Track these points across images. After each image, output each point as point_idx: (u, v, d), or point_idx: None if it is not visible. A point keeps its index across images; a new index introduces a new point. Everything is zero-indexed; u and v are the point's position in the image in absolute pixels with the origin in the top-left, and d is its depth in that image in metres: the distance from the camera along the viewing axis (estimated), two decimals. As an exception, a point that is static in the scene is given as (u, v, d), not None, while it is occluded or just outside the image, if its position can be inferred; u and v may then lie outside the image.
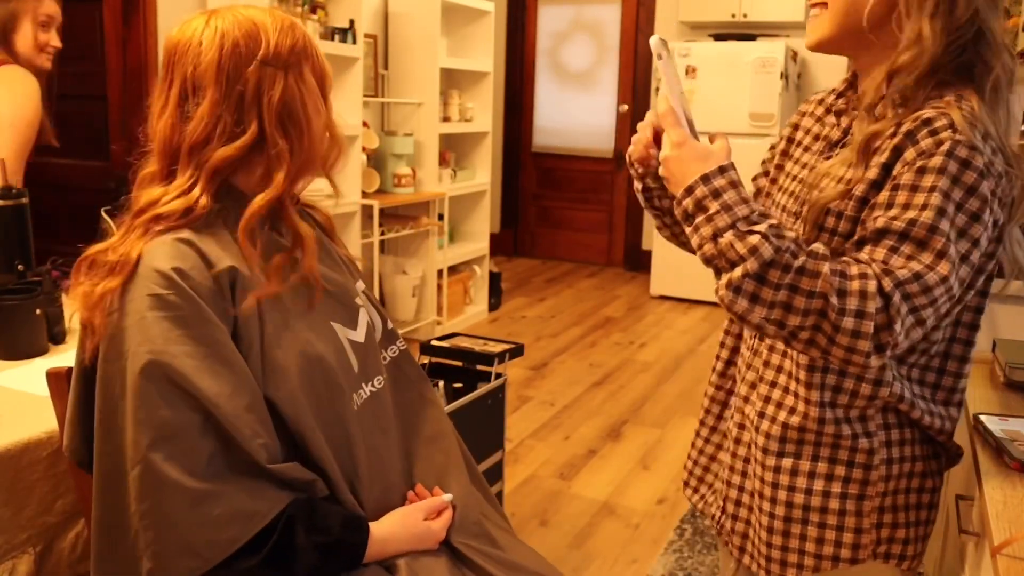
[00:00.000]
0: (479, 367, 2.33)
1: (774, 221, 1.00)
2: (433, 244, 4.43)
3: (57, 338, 1.69)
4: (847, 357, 0.99)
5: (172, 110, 1.10)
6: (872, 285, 0.97)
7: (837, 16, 1.11)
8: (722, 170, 1.01)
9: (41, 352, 1.63)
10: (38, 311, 1.62)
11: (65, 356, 1.62)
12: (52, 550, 1.32)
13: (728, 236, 0.98)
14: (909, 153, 1.04)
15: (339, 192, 1.27)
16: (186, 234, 1.07)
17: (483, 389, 2.23)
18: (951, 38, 1.06)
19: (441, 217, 4.49)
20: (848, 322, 0.96)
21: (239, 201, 1.12)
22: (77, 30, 3.62)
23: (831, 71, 5.56)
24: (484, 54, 4.81)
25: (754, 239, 0.97)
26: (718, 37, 5.36)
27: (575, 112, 6.45)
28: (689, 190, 1.02)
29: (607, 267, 6.44)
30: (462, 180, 4.79)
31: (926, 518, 1.20)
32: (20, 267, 1.82)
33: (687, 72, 5.26)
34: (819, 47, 1.16)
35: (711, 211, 1.00)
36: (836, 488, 1.17)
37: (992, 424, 1.23)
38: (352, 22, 3.83)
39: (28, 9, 2.22)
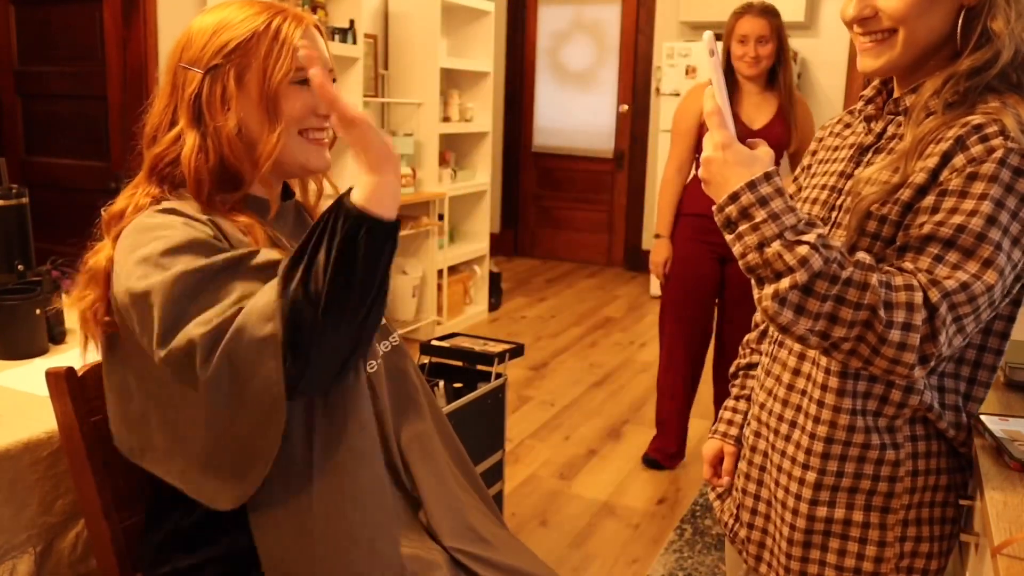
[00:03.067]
0: (479, 367, 2.33)
1: (821, 230, 0.97)
2: (433, 244, 4.43)
3: (57, 338, 1.69)
4: (891, 368, 0.97)
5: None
6: (919, 297, 0.96)
7: (913, 40, 1.07)
8: (768, 176, 0.98)
9: (41, 352, 1.63)
10: (38, 311, 1.62)
11: (65, 356, 1.62)
12: (52, 550, 1.32)
13: (775, 246, 0.95)
14: (958, 159, 1.01)
15: (320, 191, 1.29)
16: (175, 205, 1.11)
17: (483, 389, 2.23)
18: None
19: (441, 217, 4.49)
20: (895, 334, 0.95)
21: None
22: (77, 30, 3.62)
23: (831, 71, 5.56)
24: (484, 54, 4.81)
25: (803, 250, 0.94)
26: (719, 37, 5.35)
27: (575, 112, 6.45)
28: (734, 197, 0.98)
29: (607, 267, 6.44)
30: (462, 180, 4.79)
31: (950, 532, 1.18)
32: (20, 267, 1.82)
33: (687, 72, 5.26)
34: (884, 72, 1.13)
35: (757, 219, 0.96)
36: (860, 501, 1.15)
37: (992, 424, 1.23)
38: (352, 22, 3.83)
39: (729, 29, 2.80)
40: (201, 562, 1.12)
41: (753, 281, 1.00)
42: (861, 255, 1.00)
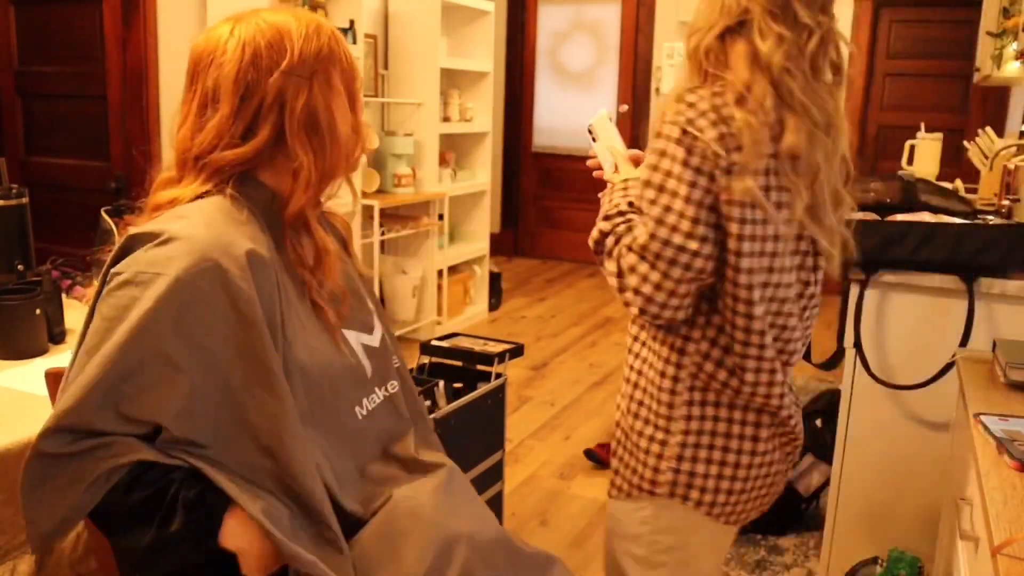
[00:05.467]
0: (479, 367, 2.33)
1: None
2: (433, 244, 4.43)
3: (57, 338, 1.70)
4: (632, 310, 1.20)
5: (192, 120, 1.11)
6: (628, 259, 1.18)
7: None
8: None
9: (41, 352, 1.63)
10: (38, 311, 1.62)
11: (65, 356, 1.62)
12: (52, 550, 1.33)
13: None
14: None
15: (356, 194, 1.28)
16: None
17: (483, 389, 2.23)
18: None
19: (441, 217, 4.49)
20: (618, 284, 1.21)
21: (269, 198, 1.13)
22: (77, 30, 3.62)
23: (831, 71, 5.56)
24: (484, 54, 4.81)
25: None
26: (718, 37, 5.36)
27: (575, 112, 6.45)
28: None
29: (607, 267, 6.43)
30: (462, 180, 4.79)
31: (733, 475, 1.28)
32: (20, 267, 1.82)
33: (687, 72, 5.25)
34: None
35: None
36: (642, 424, 1.31)
37: (992, 424, 1.23)
38: (352, 22, 3.83)
39: None
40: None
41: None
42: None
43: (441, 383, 2.26)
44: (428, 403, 2.10)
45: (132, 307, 1.00)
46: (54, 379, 1.19)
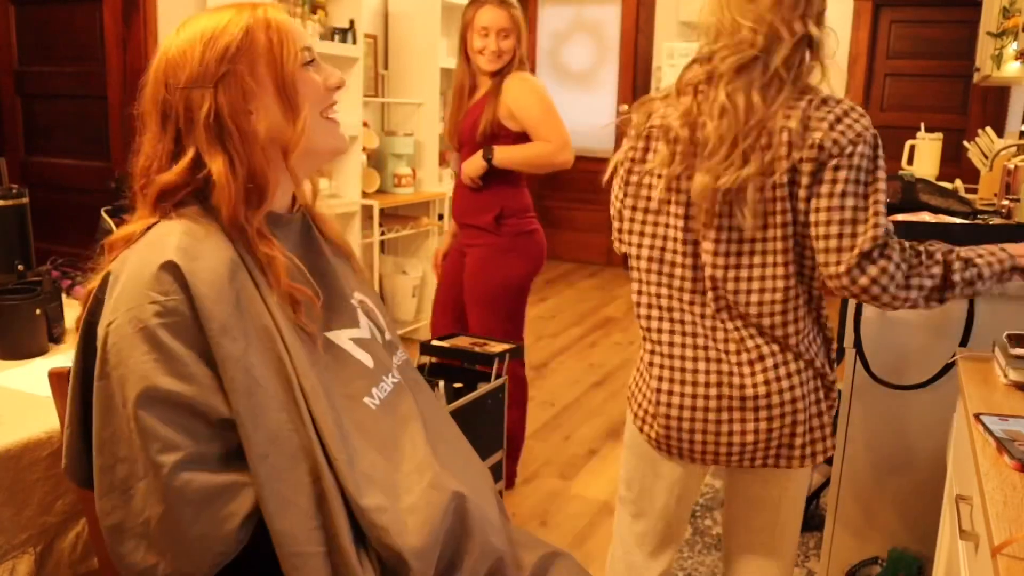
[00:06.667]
0: (479, 367, 2.33)
1: None
2: (433, 244, 4.43)
3: (57, 338, 1.70)
4: None
5: (139, 141, 1.09)
6: None
7: None
8: None
9: (41, 352, 1.63)
10: (38, 311, 1.62)
11: (65, 356, 1.62)
12: (52, 550, 1.33)
13: None
14: None
15: (318, 190, 1.26)
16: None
17: (483, 389, 2.23)
18: None
19: (441, 217, 4.49)
20: None
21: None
22: (77, 30, 3.62)
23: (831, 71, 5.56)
24: (484, 54, 4.80)
25: None
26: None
27: (575, 112, 6.44)
28: None
29: (607, 267, 6.44)
30: (462, 180, 4.78)
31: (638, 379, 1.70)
32: (20, 267, 1.82)
33: (687, 72, 5.26)
34: None
35: None
36: None
37: (992, 424, 1.23)
38: (352, 22, 3.83)
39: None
40: None
41: None
42: None
43: (441, 383, 2.26)
44: (428, 403, 2.10)
45: (128, 351, 0.98)
46: (57, 379, 1.19)
